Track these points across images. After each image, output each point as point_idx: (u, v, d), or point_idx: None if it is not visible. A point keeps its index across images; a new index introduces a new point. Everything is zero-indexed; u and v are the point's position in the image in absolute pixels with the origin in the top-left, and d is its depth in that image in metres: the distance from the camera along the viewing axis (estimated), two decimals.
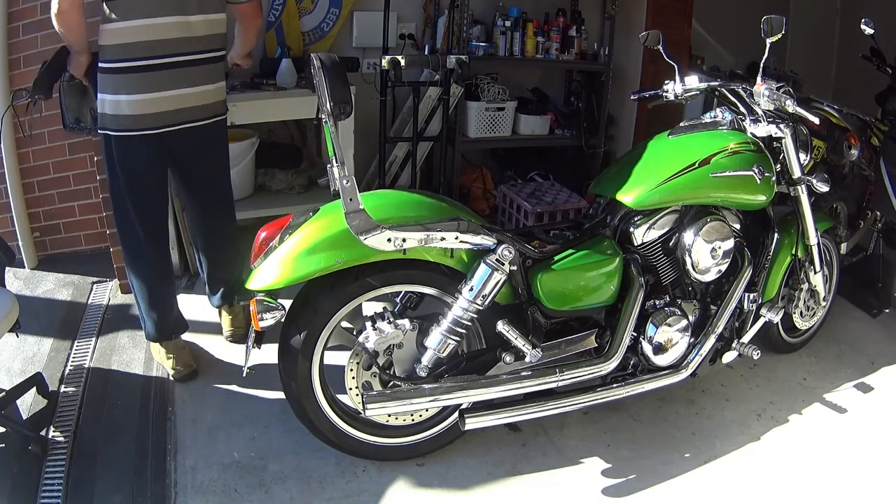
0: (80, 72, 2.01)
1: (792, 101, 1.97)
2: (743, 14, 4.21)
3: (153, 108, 1.96)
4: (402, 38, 3.60)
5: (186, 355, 2.27)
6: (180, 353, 2.25)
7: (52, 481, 1.78)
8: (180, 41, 1.95)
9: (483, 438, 2.01)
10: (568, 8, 3.86)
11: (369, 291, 1.72)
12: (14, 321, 1.83)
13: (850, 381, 2.43)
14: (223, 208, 2.33)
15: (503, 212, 3.66)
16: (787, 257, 2.24)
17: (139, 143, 1.98)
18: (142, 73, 1.92)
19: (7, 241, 2.06)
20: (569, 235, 1.98)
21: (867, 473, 1.97)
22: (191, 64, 1.99)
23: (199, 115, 2.07)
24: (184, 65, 1.98)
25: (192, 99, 2.03)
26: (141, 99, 1.93)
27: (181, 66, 1.97)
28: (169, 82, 1.96)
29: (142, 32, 1.89)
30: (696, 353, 2.04)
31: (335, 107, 1.52)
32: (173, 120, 2.00)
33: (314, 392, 1.78)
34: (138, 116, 1.95)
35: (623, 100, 3.91)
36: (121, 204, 2.07)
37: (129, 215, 2.07)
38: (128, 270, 2.19)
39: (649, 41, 2.24)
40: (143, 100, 1.94)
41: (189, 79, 2.00)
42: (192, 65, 2.00)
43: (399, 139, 3.52)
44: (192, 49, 1.98)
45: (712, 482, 1.92)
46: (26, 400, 2.05)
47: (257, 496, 1.77)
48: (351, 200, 1.53)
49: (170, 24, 1.91)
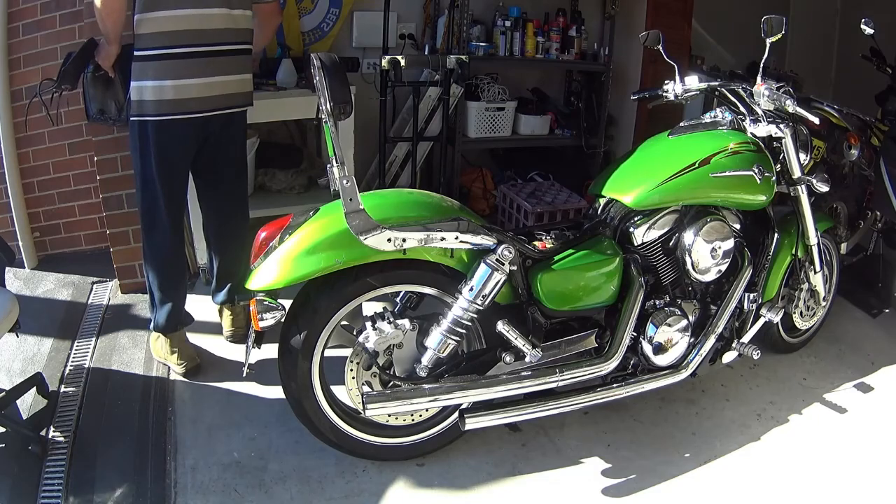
0: (109, 62, 2.04)
1: (792, 101, 1.97)
2: (743, 14, 4.22)
3: (199, 93, 2.03)
4: (402, 38, 3.60)
5: (190, 349, 2.30)
6: (184, 347, 2.28)
7: (52, 481, 1.78)
8: (224, 32, 2.05)
9: (483, 438, 2.01)
10: (568, 8, 3.87)
11: (369, 291, 1.72)
12: (14, 321, 1.83)
13: (850, 381, 2.43)
14: (239, 199, 2.39)
15: (503, 212, 3.66)
16: (787, 257, 2.24)
17: (180, 128, 2.04)
18: (187, 60, 2.00)
19: (7, 241, 2.06)
20: (569, 235, 1.98)
21: (867, 473, 1.97)
22: (232, 53, 2.10)
23: (237, 102, 2.18)
24: (226, 53, 2.08)
25: (233, 86, 2.13)
26: (187, 84, 2.01)
27: (224, 55, 2.08)
28: (213, 69, 2.05)
29: (190, 21, 1.97)
30: (696, 353, 2.04)
31: (335, 107, 1.52)
32: (215, 105, 2.09)
33: (314, 392, 1.78)
34: (183, 101, 2.02)
35: (623, 100, 3.91)
36: (150, 192, 2.10)
37: (158, 203, 2.11)
38: (147, 260, 2.21)
39: (649, 41, 2.24)
40: (189, 84, 2.01)
41: (231, 67, 2.11)
42: (233, 54, 2.11)
43: (399, 139, 3.52)
44: (233, 39, 2.09)
45: (712, 482, 1.92)
46: (26, 400, 2.05)
47: (257, 496, 1.77)
48: (351, 200, 1.53)
49: (215, 15, 2.01)
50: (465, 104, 3.51)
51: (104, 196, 2.69)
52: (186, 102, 2.02)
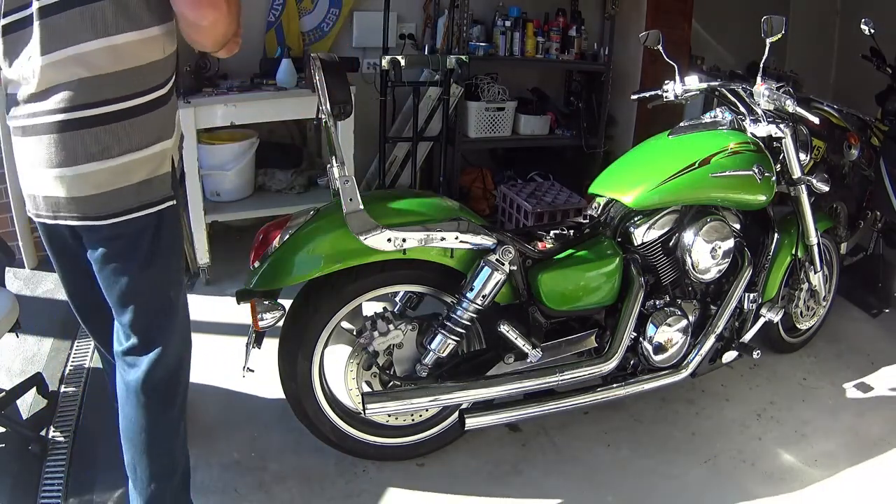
0: None
1: (792, 101, 1.96)
2: (743, 14, 4.21)
3: (25, 189, 1.36)
4: (402, 38, 3.60)
5: None
6: None
7: (52, 481, 1.78)
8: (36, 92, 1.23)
9: (483, 438, 2.01)
10: (568, 8, 3.86)
11: (369, 291, 1.72)
12: (14, 321, 1.83)
13: (850, 381, 2.43)
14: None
15: (503, 212, 3.66)
16: (787, 257, 2.24)
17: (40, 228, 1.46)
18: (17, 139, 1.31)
19: (7, 241, 2.06)
20: (569, 235, 1.98)
21: (867, 473, 1.97)
22: (54, 129, 1.24)
23: (75, 212, 1.30)
24: (42, 130, 1.25)
25: (59, 186, 1.28)
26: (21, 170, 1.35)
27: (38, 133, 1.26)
28: (31, 154, 1.29)
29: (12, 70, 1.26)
30: (696, 353, 2.04)
31: (335, 107, 1.52)
32: (44, 210, 1.34)
33: (314, 392, 1.78)
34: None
35: (623, 100, 3.90)
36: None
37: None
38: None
39: (649, 41, 2.24)
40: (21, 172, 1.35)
41: (50, 153, 1.26)
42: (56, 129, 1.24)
43: (399, 139, 3.52)
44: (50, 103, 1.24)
45: (712, 482, 1.92)
46: (26, 400, 2.05)
47: (257, 496, 1.77)
48: (351, 200, 1.53)
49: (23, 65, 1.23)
50: (465, 104, 3.51)
51: None
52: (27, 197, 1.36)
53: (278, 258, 1.61)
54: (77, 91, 1.22)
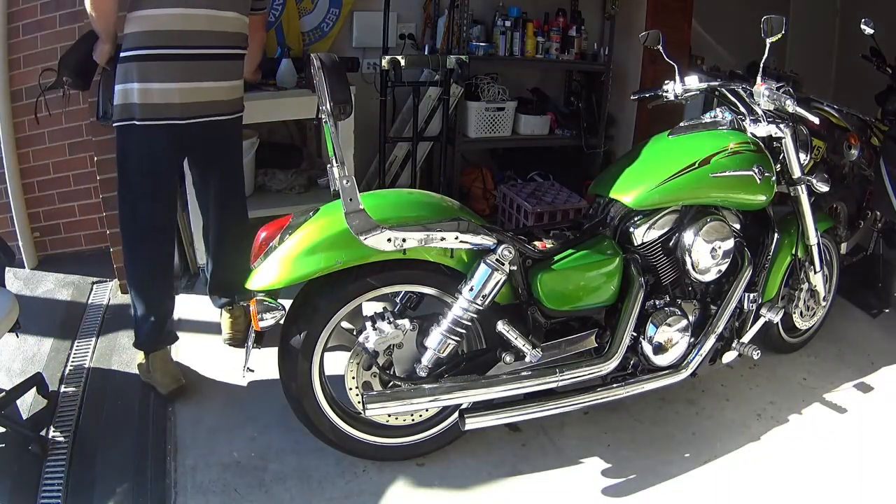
0: (103, 60, 1.99)
1: (792, 101, 1.97)
2: (743, 14, 4.21)
3: (181, 98, 1.96)
4: (402, 38, 3.60)
5: (173, 369, 2.16)
6: (167, 367, 2.14)
7: (52, 481, 1.78)
8: (208, 34, 1.98)
9: (483, 438, 2.01)
10: (568, 8, 3.87)
11: (369, 291, 1.72)
12: (14, 321, 1.83)
13: (850, 381, 2.43)
14: (235, 207, 2.34)
15: (503, 212, 3.66)
16: (787, 257, 2.24)
17: (163, 134, 1.97)
18: (172, 62, 1.93)
19: (7, 241, 2.06)
20: (569, 235, 1.98)
21: (867, 473, 1.97)
22: (219, 58, 2.03)
23: (220, 110, 2.09)
24: (213, 58, 2.01)
25: (220, 93, 2.06)
26: (171, 88, 1.94)
27: (210, 59, 2.00)
28: (199, 73, 1.98)
29: (174, 21, 1.91)
30: (696, 353, 2.03)
31: (335, 107, 1.52)
32: (197, 112, 2.01)
33: (314, 392, 1.78)
34: (168, 105, 1.95)
35: (623, 100, 3.91)
36: (130, 201, 2.03)
37: (139, 213, 2.02)
38: (127, 272, 2.11)
39: (649, 41, 2.24)
40: (172, 89, 1.94)
41: (218, 72, 2.04)
42: (220, 59, 2.04)
43: (399, 139, 3.52)
44: (219, 43, 2.02)
45: (712, 482, 1.92)
46: (26, 400, 2.05)
47: (257, 496, 1.77)
48: (351, 200, 1.53)
49: (198, 16, 1.94)
50: (465, 104, 3.51)
51: (104, 196, 2.69)
52: (170, 108, 1.95)
53: (278, 258, 1.61)
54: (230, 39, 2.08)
